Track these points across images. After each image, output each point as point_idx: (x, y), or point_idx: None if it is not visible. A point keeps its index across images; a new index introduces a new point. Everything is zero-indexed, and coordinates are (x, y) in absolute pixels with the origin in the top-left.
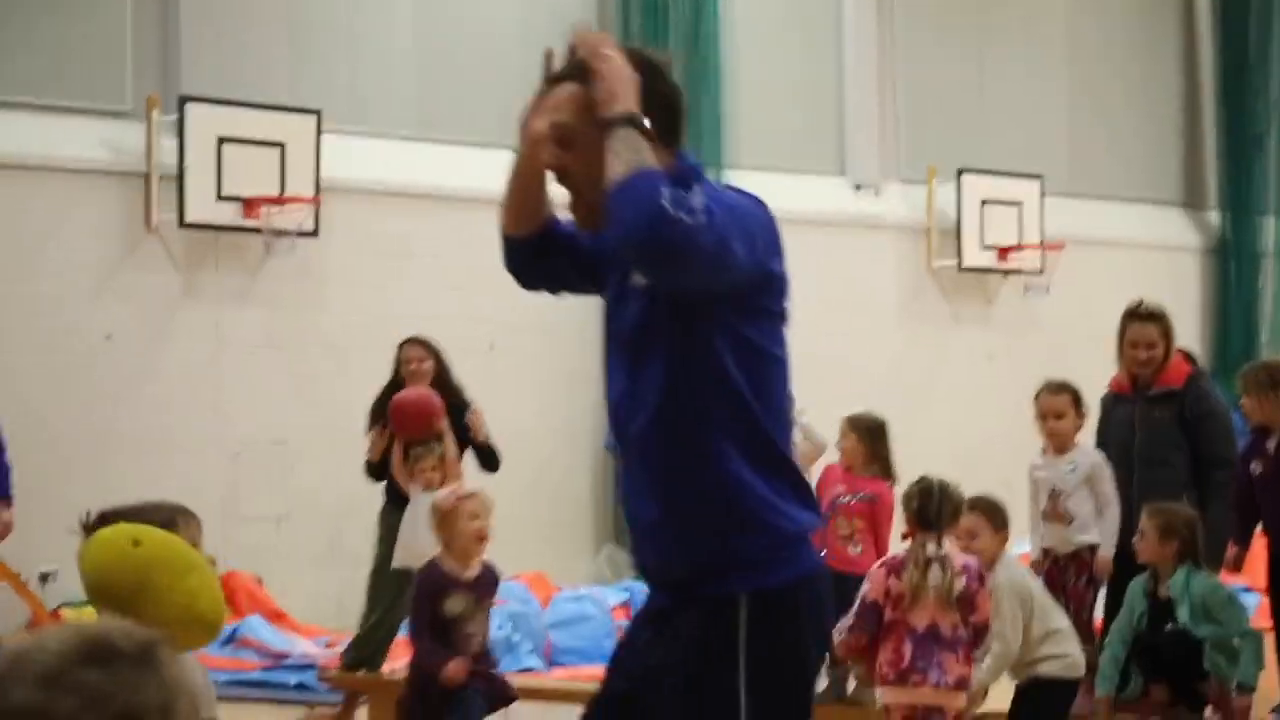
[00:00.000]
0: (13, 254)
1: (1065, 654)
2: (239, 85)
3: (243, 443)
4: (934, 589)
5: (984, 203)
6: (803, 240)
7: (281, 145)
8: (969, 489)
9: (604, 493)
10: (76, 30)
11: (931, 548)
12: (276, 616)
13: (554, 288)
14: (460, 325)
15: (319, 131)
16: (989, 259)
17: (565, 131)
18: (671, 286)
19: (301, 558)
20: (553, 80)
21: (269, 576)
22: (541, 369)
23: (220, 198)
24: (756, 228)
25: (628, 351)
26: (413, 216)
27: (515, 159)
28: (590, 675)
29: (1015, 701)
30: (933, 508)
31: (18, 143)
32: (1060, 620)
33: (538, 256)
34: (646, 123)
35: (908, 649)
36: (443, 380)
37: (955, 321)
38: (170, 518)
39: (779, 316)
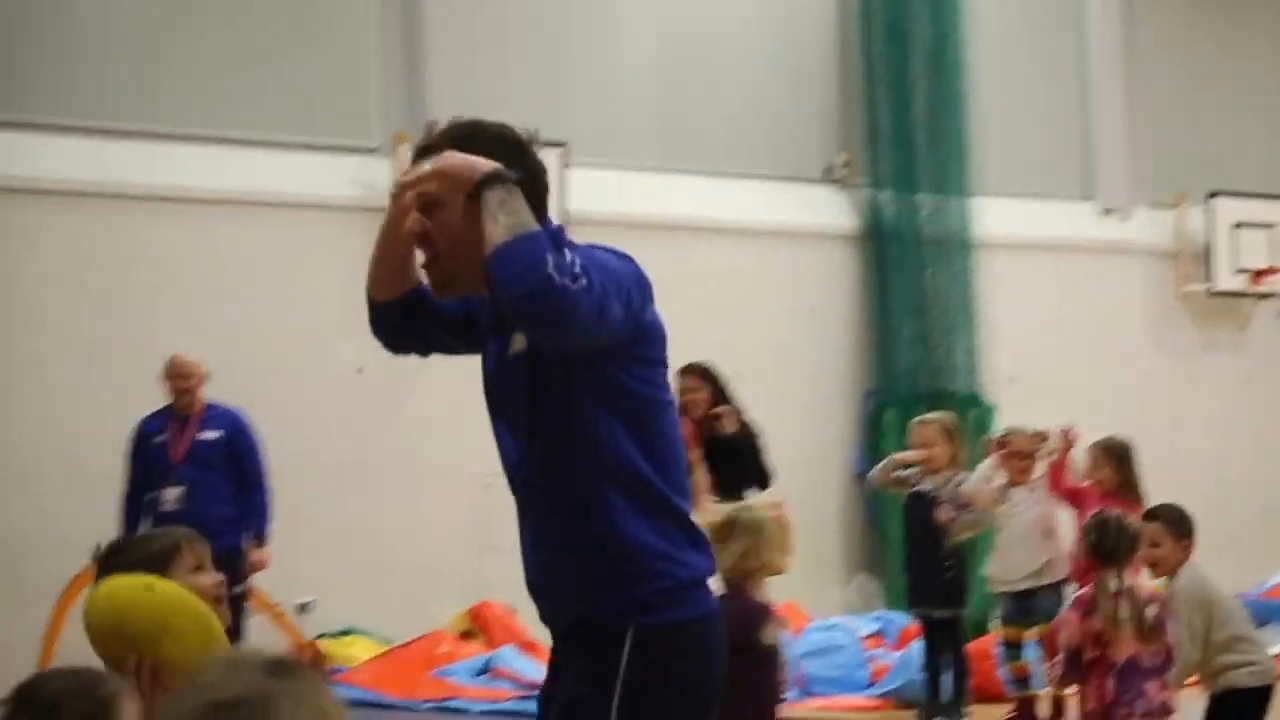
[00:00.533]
0: (265, 290)
1: (1254, 661)
2: (485, 117)
3: (493, 473)
4: (1129, 622)
5: (1236, 226)
6: (1050, 265)
7: None
8: (1222, 515)
9: (855, 521)
10: (324, 69)
11: (1114, 582)
12: (530, 647)
13: (423, 350)
14: (706, 354)
15: (565, 165)
16: (1241, 283)
17: (429, 198)
18: (556, 348)
19: None
20: (422, 150)
21: (522, 606)
22: (788, 396)
23: None
24: (629, 283)
25: (518, 417)
26: (659, 248)
27: (384, 223)
28: (843, 705)
29: (1209, 712)
30: (1109, 541)
31: (268, 181)
32: (1246, 626)
33: (404, 320)
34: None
35: (1111, 684)
36: (719, 404)
37: (1207, 347)
38: (175, 543)
39: (659, 363)
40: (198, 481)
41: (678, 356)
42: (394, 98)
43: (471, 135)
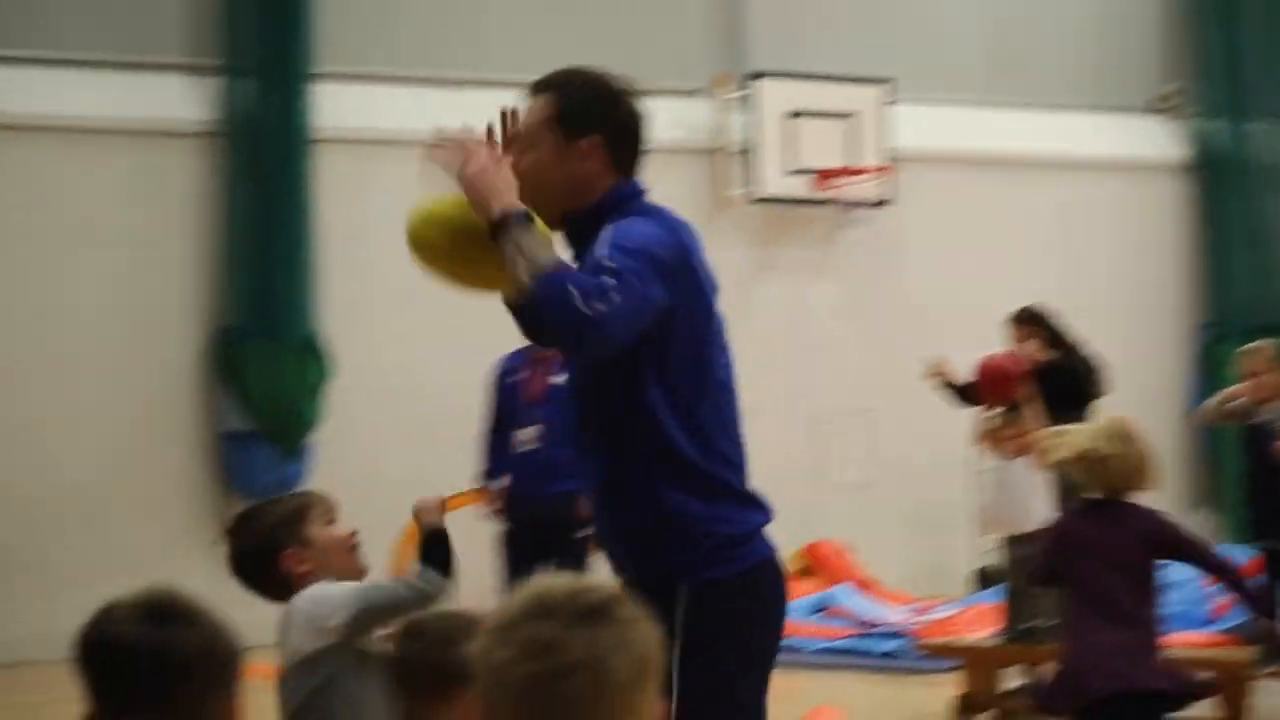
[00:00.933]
0: None
1: None
2: (807, 58)
3: (826, 412)
4: None
5: None
6: None
7: (852, 116)
8: None
9: (1192, 455)
10: (645, 11)
11: None
12: (865, 585)
13: None
14: (1038, 291)
15: (888, 101)
16: None
17: (521, 140)
18: (613, 353)
19: (889, 525)
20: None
21: (857, 545)
22: (1121, 330)
23: (792, 171)
24: (673, 260)
25: (579, 384)
26: (984, 182)
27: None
28: (1184, 642)
29: None
30: None
31: None
32: None
33: None
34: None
35: None
36: (1055, 347)
37: None
38: (306, 501)
39: (706, 317)
40: (551, 424)
41: (1008, 296)
42: (715, 38)
43: (564, 83)
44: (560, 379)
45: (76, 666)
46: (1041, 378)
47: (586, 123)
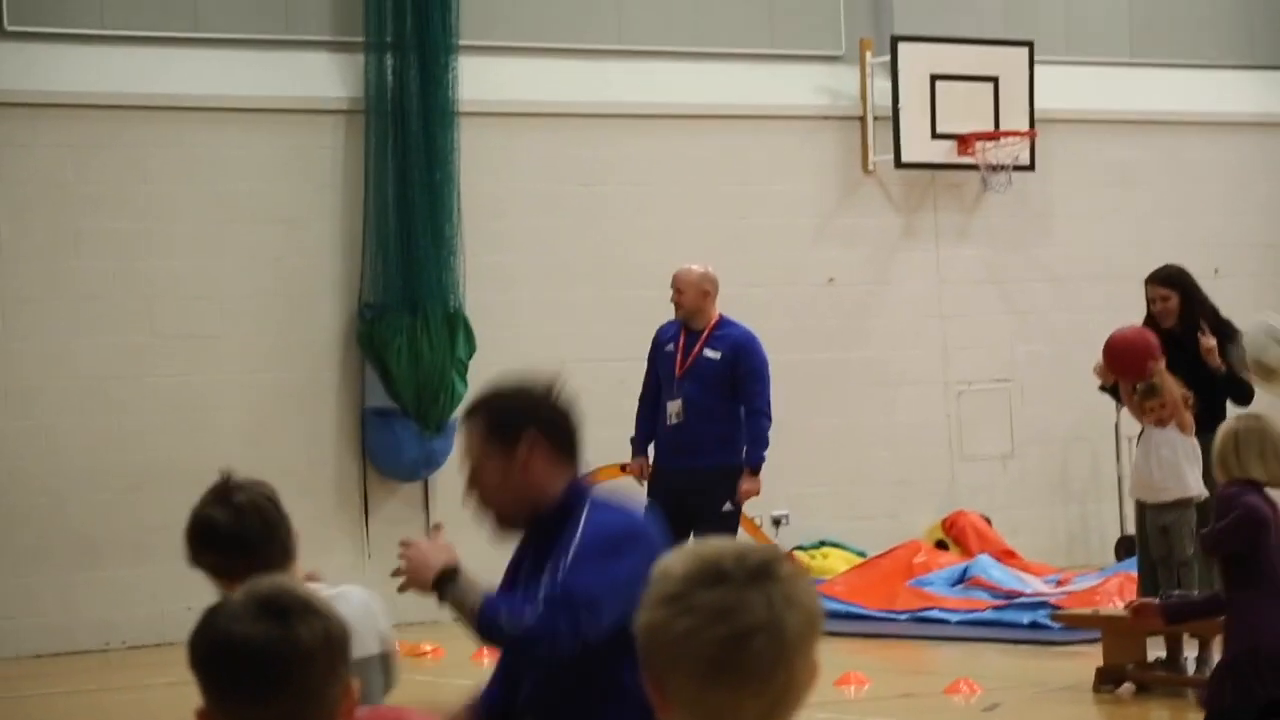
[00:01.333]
0: (734, 201)
1: None
2: (949, 22)
3: (966, 381)
4: None
5: None
6: None
7: (994, 79)
8: None
9: None
10: None
11: None
12: (1006, 555)
13: None
14: (1181, 251)
15: (1032, 63)
16: None
17: (470, 471)
18: (573, 649)
19: (1029, 495)
20: (466, 412)
21: (997, 515)
22: (1270, 290)
23: (935, 136)
24: (639, 538)
25: None
26: (1129, 144)
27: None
28: None
29: None
30: None
31: (736, 93)
32: None
33: None
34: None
35: None
36: (1189, 313)
37: None
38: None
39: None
40: (694, 399)
41: (1149, 256)
42: (856, 3)
43: (485, 401)
44: (709, 354)
45: (195, 667)
46: (1178, 345)
47: (517, 425)
